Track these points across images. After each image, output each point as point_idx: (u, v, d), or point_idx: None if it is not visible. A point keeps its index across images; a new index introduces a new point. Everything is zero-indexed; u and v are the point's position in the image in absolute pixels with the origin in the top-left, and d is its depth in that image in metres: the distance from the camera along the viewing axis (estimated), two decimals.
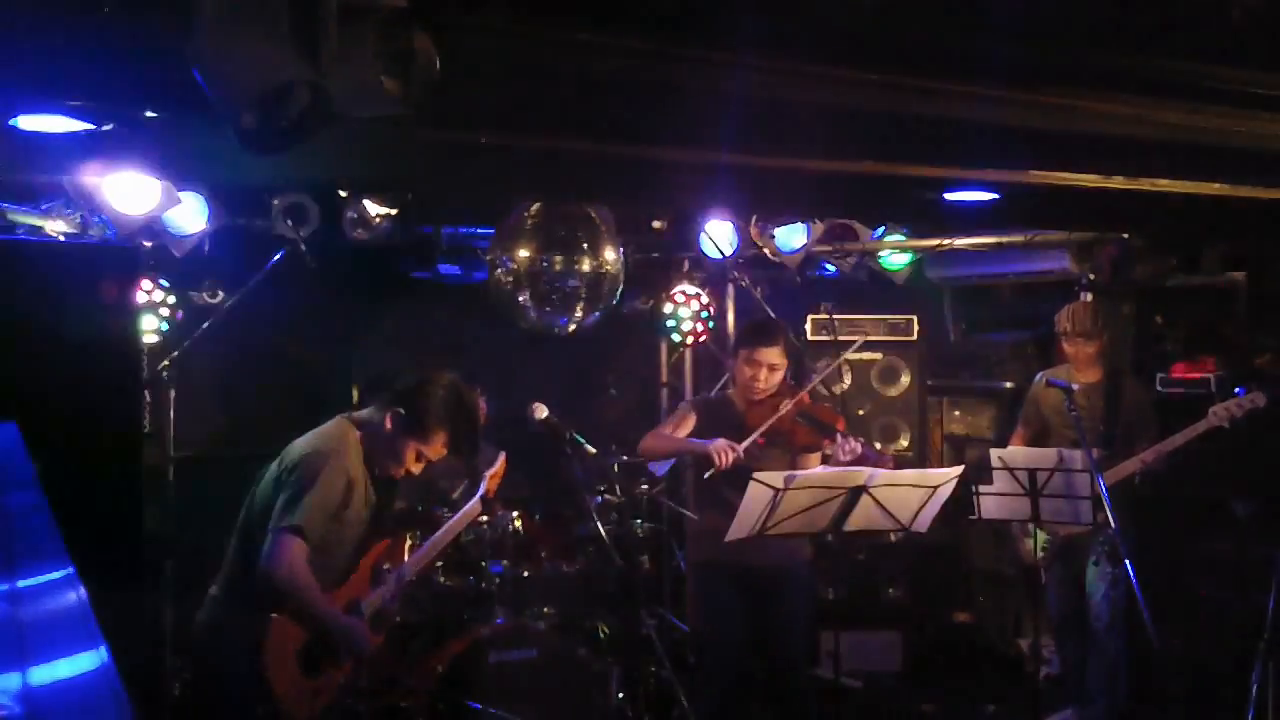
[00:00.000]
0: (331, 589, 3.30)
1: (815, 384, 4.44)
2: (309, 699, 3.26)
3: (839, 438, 4.11)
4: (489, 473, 3.99)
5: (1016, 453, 4.43)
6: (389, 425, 3.31)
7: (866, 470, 3.82)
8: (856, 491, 3.80)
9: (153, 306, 5.16)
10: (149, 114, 2.69)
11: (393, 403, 3.33)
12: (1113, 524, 3.95)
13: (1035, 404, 5.19)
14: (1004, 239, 5.51)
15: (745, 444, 4.07)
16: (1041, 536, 4.88)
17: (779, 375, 4.25)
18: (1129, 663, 4.85)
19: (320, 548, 3.18)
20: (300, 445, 3.28)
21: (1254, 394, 4.45)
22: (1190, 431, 4.56)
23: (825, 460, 4.19)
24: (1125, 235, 5.27)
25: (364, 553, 3.45)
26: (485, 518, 4.82)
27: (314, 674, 3.26)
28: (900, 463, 4.81)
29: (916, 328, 6.28)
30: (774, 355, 4.22)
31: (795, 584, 4.32)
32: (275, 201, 4.99)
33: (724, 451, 4.02)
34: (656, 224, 6.06)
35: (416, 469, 3.40)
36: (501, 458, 4.08)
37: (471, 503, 3.92)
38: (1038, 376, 5.15)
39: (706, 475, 4.12)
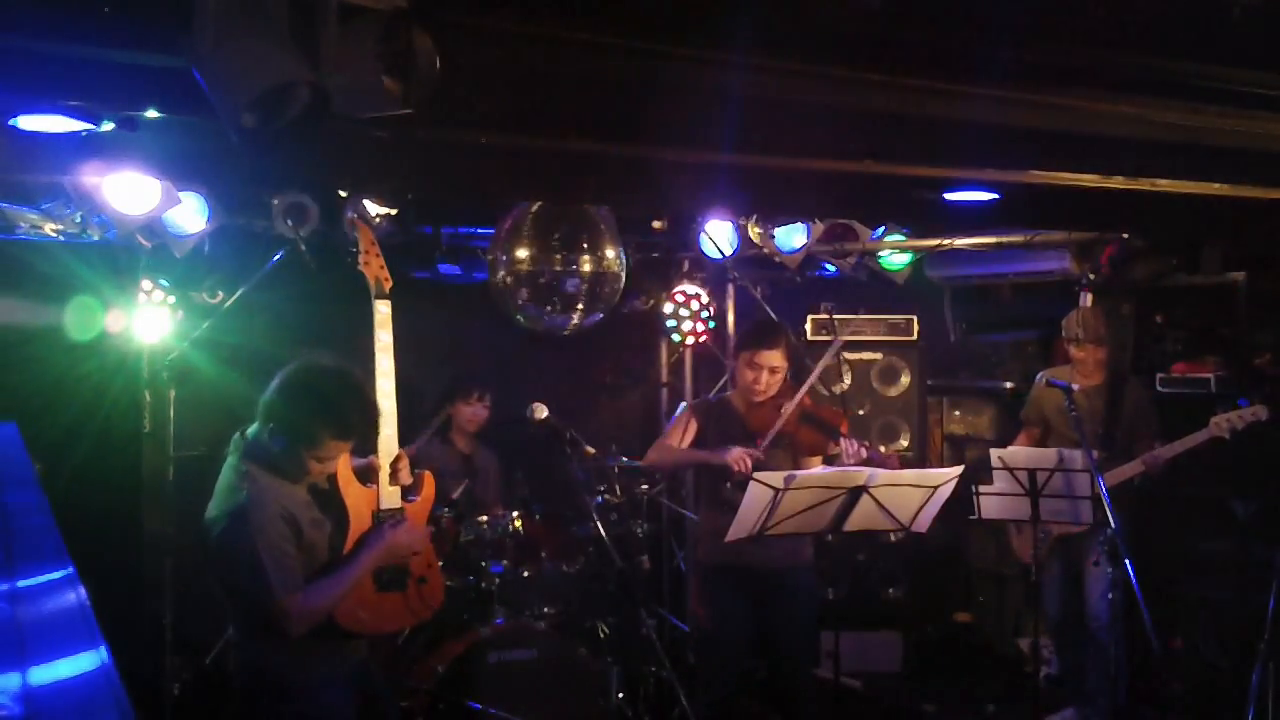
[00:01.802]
0: (344, 537, 3.20)
1: (812, 381, 4.42)
2: (418, 598, 3.30)
3: (843, 441, 4.10)
4: (360, 260, 3.58)
5: (1017, 453, 4.44)
6: (273, 445, 3.05)
7: (866, 470, 3.82)
8: (856, 491, 3.80)
9: (153, 307, 5.17)
10: (149, 114, 2.69)
11: (263, 420, 3.07)
12: (1113, 524, 3.95)
13: (1037, 405, 5.19)
14: (1004, 239, 5.51)
15: (761, 447, 4.07)
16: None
17: (780, 377, 4.25)
18: (1128, 663, 4.85)
19: (305, 563, 3.07)
20: (216, 521, 3.01)
21: (1256, 407, 4.45)
22: (1190, 440, 4.56)
23: (830, 463, 4.18)
24: (1125, 235, 5.27)
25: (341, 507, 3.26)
26: (485, 519, 4.83)
27: (399, 585, 3.26)
28: (901, 463, 4.81)
29: (916, 328, 6.29)
30: (775, 358, 4.22)
31: (798, 585, 4.32)
32: (275, 201, 4.99)
33: (742, 460, 4.01)
34: (656, 224, 6.05)
35: (332, 469, 3.15)
36: (362, 232, 3.65)
37: (376, 306, 3.52)
38: (1038, 377, 5.15)
39: (728, 485, 4.12)
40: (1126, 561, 3.85)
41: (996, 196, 3.97)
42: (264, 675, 3.11)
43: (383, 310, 3.52)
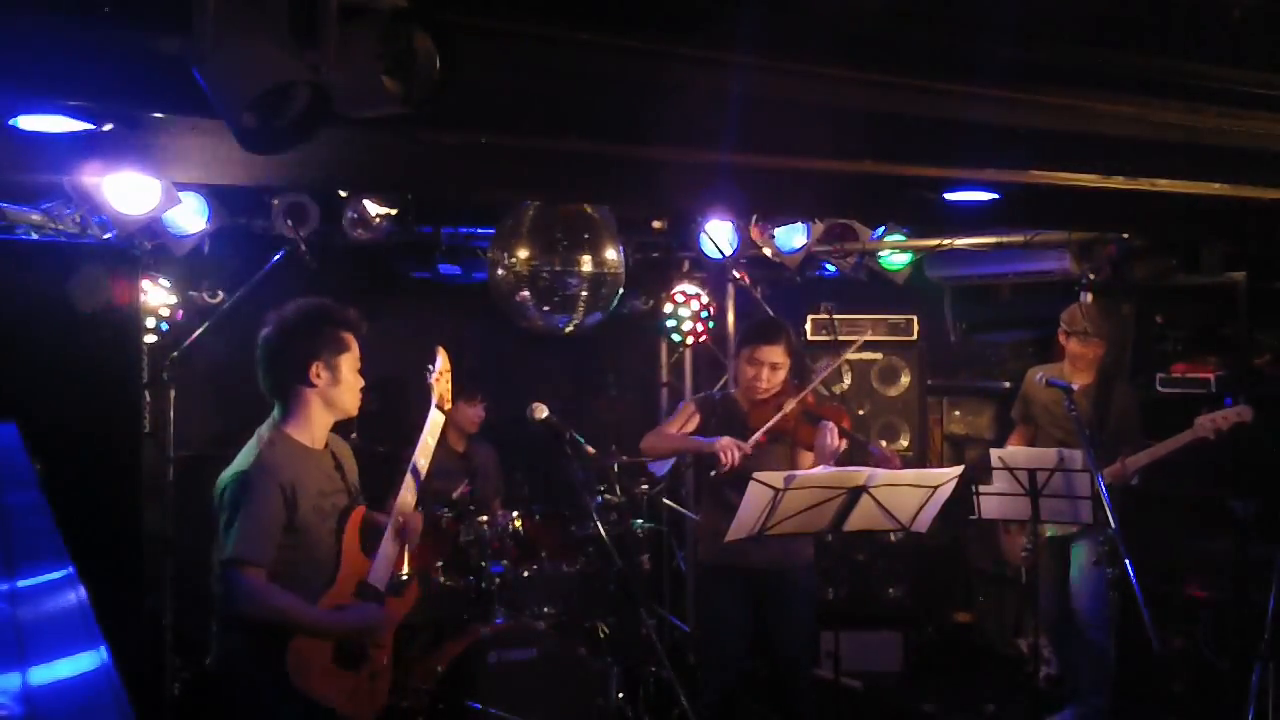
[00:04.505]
0: (329, 586, 3.19)
1: (816, 384, 4.43)
2: (367, 692, 3.21)
3: (819, 425, 4.11)
4: (434, 376, 3.64)
5: (1017, 453, 4.43)
6: (317, 379, 3.15)
7: (866, 470, 3.82)
8: (856, 492, 3.80)
9: (153, 306, 5.17)
10: (149, 114, 2.69)
11: (292, 379, 3.16)
12: (1113, 524, 3.95)
13: (1027, 401, 5.18)
14: (1004, 239, 5.51)
15: (751, 442, 4.07)
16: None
17: (781, 375, 4.26)
18: (1124, 663, 4.85)
19: (293, 559, 3.07)
20: (225, 473, 3.12)
21: (1241, 407, 4.43)
22: (1174, 442, 4.54)
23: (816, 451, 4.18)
24: (1125, 235, 5.27)
25: (340, 536, 3.26)
26: (485, 519, 4.82)
27: (355, 667, 3.19)
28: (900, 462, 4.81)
29: (916, 328, 6.29)
30: (776, 355, 4.22)
31: (797, 585, 4.32)
32: (275, 201, 4.99)
33: (729, 450, 4.02)
34: (656, 224, 6.06)
35: (360, 381, 3.27)
36: (441, 355, 3.69)
37: (431, 415, 3.57)
38: (1037, 376, 5.14)
39: (713, 474, 4.12)
40: (1126, 561, 3.85)
41: (996, 196, 3.97)
42: (240, 666, 3.14)
43: (436, 420, 3.56)
